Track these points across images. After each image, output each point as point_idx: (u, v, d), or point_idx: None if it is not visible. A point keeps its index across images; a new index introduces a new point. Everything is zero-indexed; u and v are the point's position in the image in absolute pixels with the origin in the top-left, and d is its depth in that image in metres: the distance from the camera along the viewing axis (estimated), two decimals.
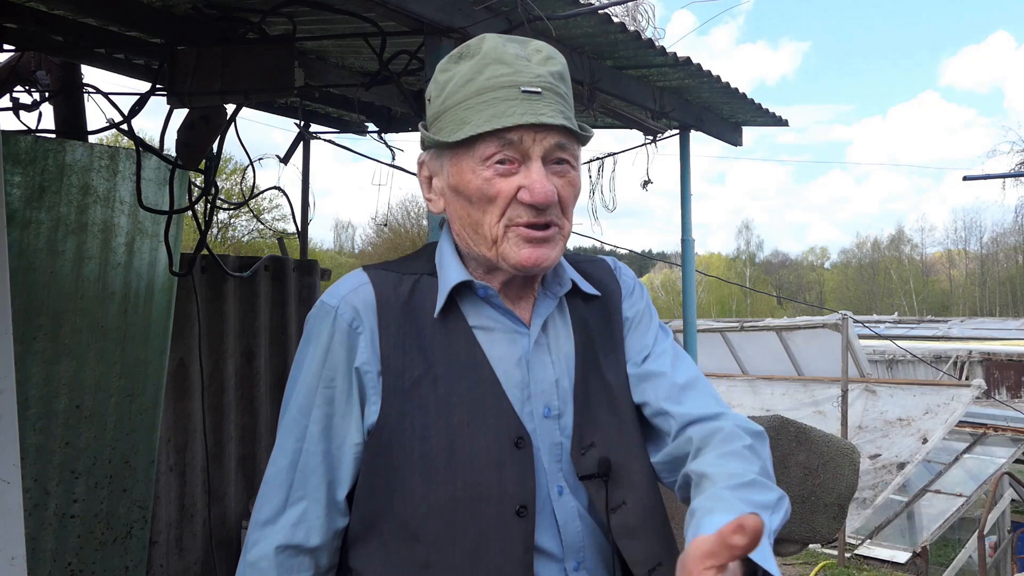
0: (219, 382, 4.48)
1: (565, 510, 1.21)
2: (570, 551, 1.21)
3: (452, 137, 1.18)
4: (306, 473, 1.19)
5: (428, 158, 1.26)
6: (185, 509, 4.32)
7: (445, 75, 1.23)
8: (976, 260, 51.17)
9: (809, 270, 59.47)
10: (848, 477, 3.72)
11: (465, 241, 1.24)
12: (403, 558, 1.16)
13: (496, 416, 1.19)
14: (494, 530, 1.15)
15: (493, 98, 1.17)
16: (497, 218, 1.18)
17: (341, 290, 1.23)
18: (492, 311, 1.24)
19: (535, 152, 1.17)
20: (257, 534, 1.20)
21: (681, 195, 5.00)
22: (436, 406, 1.18)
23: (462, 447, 1.17)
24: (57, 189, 3.49)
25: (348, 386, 1.19)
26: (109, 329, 3.68)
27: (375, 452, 1.18)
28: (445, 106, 1.21)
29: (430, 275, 1.25)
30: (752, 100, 4.79)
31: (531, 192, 1.16)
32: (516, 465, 1.18)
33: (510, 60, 1.19)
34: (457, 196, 1.21)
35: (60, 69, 3.87)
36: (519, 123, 1.15)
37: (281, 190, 5.26)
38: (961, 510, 8.13)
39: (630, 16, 4.57)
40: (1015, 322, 20.36)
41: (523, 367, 1.23)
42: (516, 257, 1.18)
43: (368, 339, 1.19)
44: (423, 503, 1.15)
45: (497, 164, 1.17)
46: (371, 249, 36.34)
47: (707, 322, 14.52)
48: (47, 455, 3.46)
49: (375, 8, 2.76)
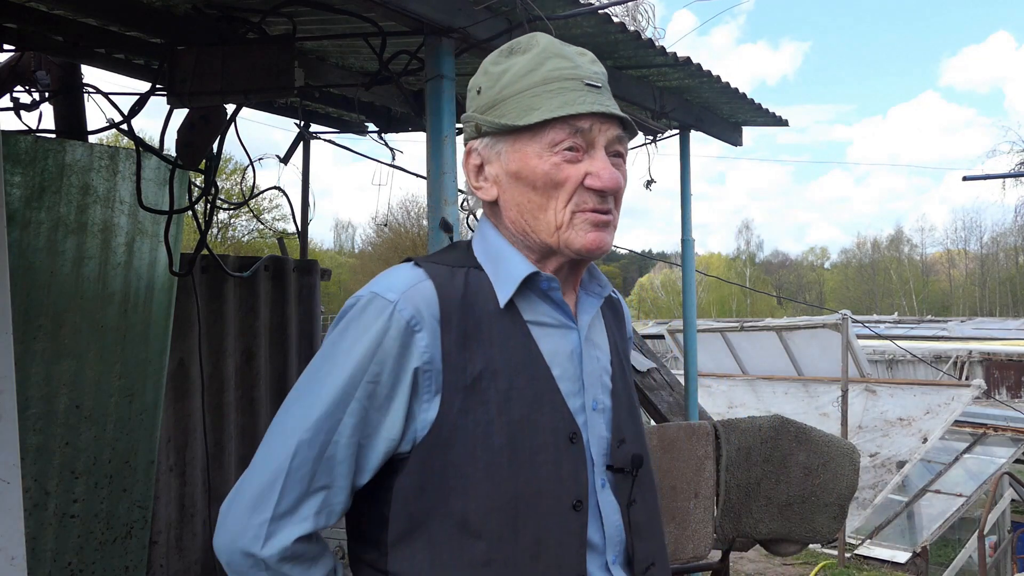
0: (219, 382, 4.48)
1: (608, 503, 1.25)
2: (611, 543, 1.24)
3: (521, 121, 1.20)
4: (333, 463, 1.16)
5: (481, 146, 1.26)
6: (185, 509, 4.32)
7: (498, 67, 1.25)
8: (976, 260, 51.16)
9: (809, 270, 59.47)
10: (848, 477, 3.72)
11: (521, 228, 1.24)
12: (458, 557, 1.15)
13: (552, 412, 1.21)
14: (554, 525, 1.18)
15: (560, 88, 1.20)
16: (564, 203, 1.20)
17: (399, 284, 1.20)
18: (546, 306, 1.26)
19: (600, 141, 1.21)
20: (273, 527, 1.15)
21: (681, 195, 5.00)
22: (497, 402, 1.18)
23: (523, 443, 1.18)
24: (57, 189, 3.49)
25: (394, 382, 1.17)
26: (109, 329, 3.68)
27: (431, 450, 1.16)
28: (504, 94, 1.22)
29: (476, 268, 1.25)
30: (752, 100, 4.78)
31: (600, 178, 1.20)
32: (571, 460, 1.21)
33: (569, 55, 1.24)
34: (517, 182, 1.22)
35: (60, 69, 3.87)
36: (591, 111, 1.19)
37: (281, 190, 5.26)
38: (961, 510, 8.13)
39: (630, 16, 4.57)
40: (1015, 322, 20.37)
41: (576, 361, 1.26)
42: (581, 241, 1.21)
43: (429, 337, 1.17)
44: (486, 500, 1.15)
45: (566, 151, 1.19)
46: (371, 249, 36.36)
47: (707, 322, 14.53)
48: (47, 455, 3.46)
49: (375, 8, 2.76)
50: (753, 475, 3.64)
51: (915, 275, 51.43)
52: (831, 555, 8.09)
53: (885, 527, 8.33)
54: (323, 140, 5.47)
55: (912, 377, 12.52)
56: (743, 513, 3.64)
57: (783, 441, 3.68)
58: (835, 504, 3.70)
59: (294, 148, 5.30)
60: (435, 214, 2.84)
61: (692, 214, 5.03)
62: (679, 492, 3.47)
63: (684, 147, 4.95)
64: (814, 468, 3.67)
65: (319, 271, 5.23)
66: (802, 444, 3.69)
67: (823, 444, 3.72)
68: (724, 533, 3.65)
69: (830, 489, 3.68)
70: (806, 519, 3.67)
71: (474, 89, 1.28)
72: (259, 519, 1.15)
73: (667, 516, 3.40)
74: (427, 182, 2.92)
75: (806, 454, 3.68)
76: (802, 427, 3.74)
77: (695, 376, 4.98)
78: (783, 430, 3.69)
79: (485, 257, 1.26)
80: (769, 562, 8.12)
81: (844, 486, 3.71)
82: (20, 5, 3.22)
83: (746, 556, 7.90)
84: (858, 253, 55.63)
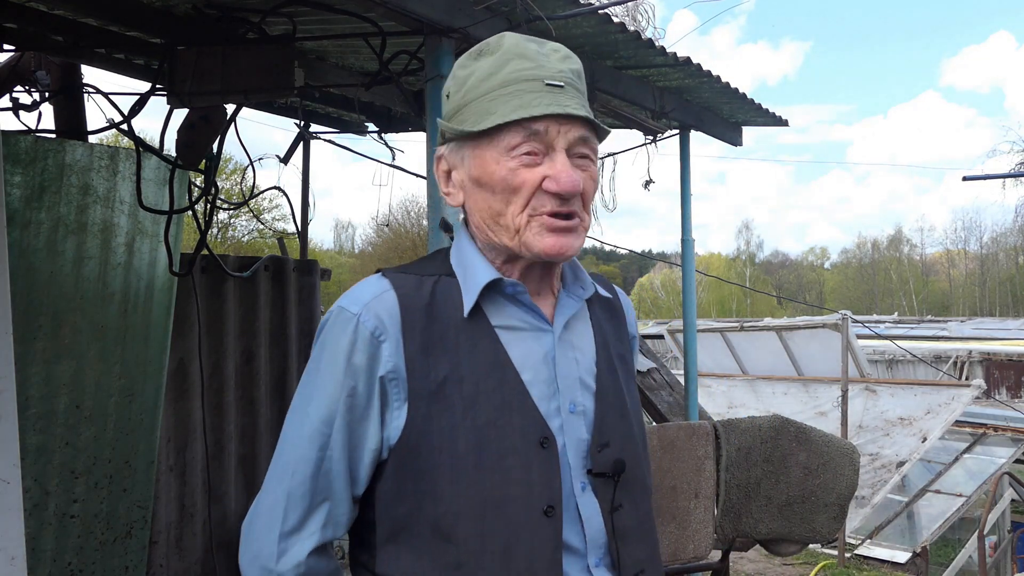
0: (219, 382, 4.48)
1: (589, 506, 1.23)
2: (593, 547, 1.23)
3: (478, 127, 1.19)
4: (330, 478, 1.20)
5: (447, 152, 1.27)
6: (185, 509, 4.32)
7: (465, 71, 1.24)
8: (976, 260, 51.16)
9: (809, 270, 59.47)
10: (848, 477, 3.72)
11: (485, 233, 1.24)
12: (435, 560, 1.17)
13: (521, 416, 1.20)
14: (523, 530, 1.17)
15: (517, 90, 1.19)
16: (521, 208, 1.19)
17: (362, 296, 1.22)
18: (516, 309, 1.25)
19: (559, 143, 1.19)
20: (284, 544, 1.19)
21: (681, 195, 5.00)
22: (462, 407, 1.18)
23: (489, 448, 1.18)
24: (57, 189, 3.49)
25: (368, 392, 1.19)
26: (109, 329, 3.68)
27: (403, 456, 1.18)
28: (467, 99, 1.22)
29: (448, 276, 1.25)
30: (752, 100, 4.79)
31: (557, 181, 1.17)
32: (542, 465, 1.20)
33: (532, 55, 1.21)
34: (479, 187, 1.22)
35: (60, 69, 3.87)
36: (546, 113, 1.17)
37: (281, 190, 5.26)
38: (961, 510, 8.12)
39: (630, 16, 4.58)
40: (1015, 322, 20.38)
41: (549, 364, 1.24)
42: (540, 245, 1.19)
43: (392, 346, 1.18)
44: (453, 504, 1.16)
45: (523, 155, 1.18)
46: (371, 249, 36.32)
47: (707, 322, 14.53)
48: (47, 455, 3.46)
49: (375, 8, 2.76)
50: (753, 475, 3.64)
51: (915, 275, 51.43)
52: (831, 555, 8.09)
53: (885, 527, 8.32)
54: (323, 140, 5.47)
55: (912, 377, 12.51)
56: (743, 513, 3.64)
57: (783, 441, 3.68)
58: (835, 504, 3.70)
59: (294, 148, 5.30)
60: (435, 214, 2.84)
61: (692, 214, 5.03)
62: (679, 492, 3.47)
63: (684, 147, 4.95)
64: (814, 468, 3.67)
65: (319, 271, 5.23)
66: (802, 444, 3.69)
67: (823, 444, 3.72)
68: (724, 533, 3.65)
69: (830, 489, 3.68)
70: (806, 519, 3.67)
71: (444, 94, 1.28)
72: (271, 536, 1.20)
73: (667, 516, 3.40)
74: (427, 182, 2.93)
75: (806, 454, 3.68)
76: (802, 427, 3.75)
77: (695, 376, 4.98)
78: (783, 430, 3.69)
79: (457, 264, 1.26)
80: (769, 562, 8.12)
81: (844, 486, 3.71)
82: (20, 5, 3.22)
83: (746, 556, 7.90)
84: (858, 253, 55.65)
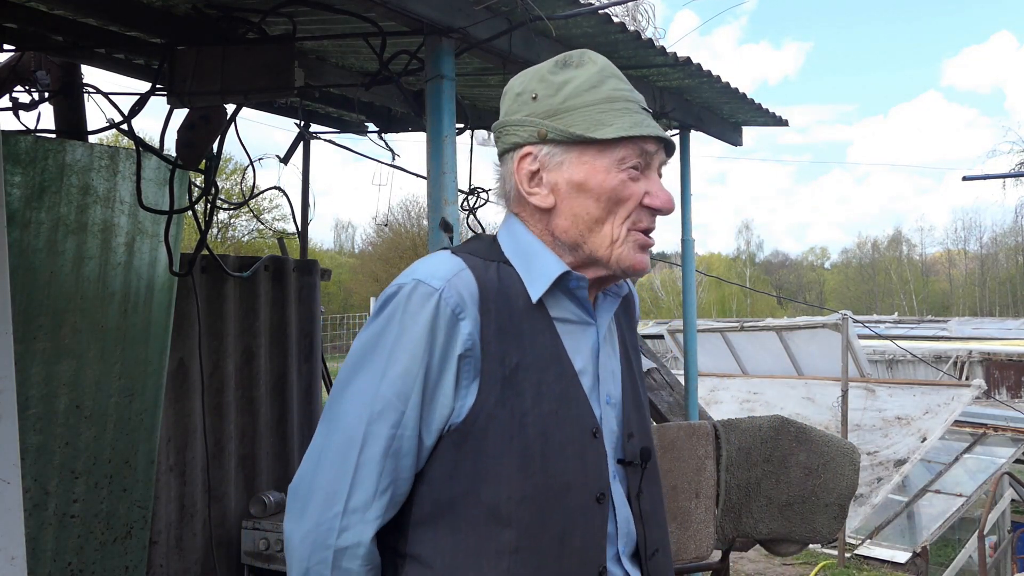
0: (219, 382, 4.48)
1: (619, 495, 1.29)
2: (621, 534, 1.28)
3: (594, 134, 1.22)
4: (399, 457, 1.19)
5: (543, 153, 1.26)
6: (185, 509, 4.32)
7: (558, 77, 1.26)
8: (976, 260, 51.13)
9: (809, 270, 59.44)
10: (848, 477, 3.72)
11: (572, 237, 1.26)
12: (485, 543, 1.18)
13: (577, 407, 1.25)
14: (580, 516, 1.22)
15: (625, 108, 1.24)
16: (622, 220, 1.24)
17: (442, 272, 1.22)
18: (570, 303, 1.29)
19: (655, 164, 1.27)
20: (347, 520, 1.17)
21: (681, 195, 5.00)
22: (531, 394, 1.21)
23: (553, 437, 1.21)
24: (57, 189, 3.49)
25: (443, 369, 1.19)
26: (109, 329, 3.68)
27: (465, 437, 1.19)
28: (568, 105, 1.24)
29: (505, 263, 1.27)
30: (752, 100, 4.79)
31: (659, 198, 1.25)
32: (595, 454, 1.25)
33: (623, 78, 1.29)
34: (579, 193, 1.25)
35: (60, 69, 3.87)
36: (654, 134, 1.24)
37: (281, 190, 5.26)
38: (961, 510, 8.12)
39: (630, 16, 4.57)
40: (1015, 322, 20.37)
41: (594, 358, 1.30)
42: (631, 260, 1.26)
43: (471, 325, 1.19)
44: (518, 489, 1.18)
45: (630, 169, 1.23)
46: (371, 249, 36.35)
47: (707, 322, 14.53)
48: (47, 455, 3.46)
49: (375, 8, 2.76)
50: (753, 475, 3.64)
51: (915, 275, 51.41)
52: (831, 555, 8.09)
53: (885, 527, 8.32)
54: (323, 140, 5.47)
55: (912, 377, 12.51)
56: (743, 513, 3.65)
57: (783, 441, 3.68)
58: (835, 504, 3.70)
59: (294, 148, 5.30)
60: (435, 214, 2.84)
61: (692, 214, 5.03)
62: (680, 492, 3.47)
63: (684, 147, 4.96)
64: (814, 468, 3.67)
65: (319, 271, 5.23)
66: (802, 444, 3.69)
67: (823, 444, 3.72)
68: (724, 533, 3.65)
69: (830, 489, 3.68)
70: (806, 519, 3.67)
71: (527, 94, 1.28)
72: (333, 511, 1.18)
73: (669, 516, 3.39)
74: (427, 182, 2.92)
75: (806, 454, 3.68)
76: (802, 427, 3.75)
77: (695, 376, 4.98)
78: (783, 430, 3.70)
79: (514, 254, 1.28)
80: (769, 562, 8.12)
81: (844, 486, 3.71)
82: (20, 5, 3.22)
83: (746, 556, 7.90)
84: (858, 253, 55.62)
